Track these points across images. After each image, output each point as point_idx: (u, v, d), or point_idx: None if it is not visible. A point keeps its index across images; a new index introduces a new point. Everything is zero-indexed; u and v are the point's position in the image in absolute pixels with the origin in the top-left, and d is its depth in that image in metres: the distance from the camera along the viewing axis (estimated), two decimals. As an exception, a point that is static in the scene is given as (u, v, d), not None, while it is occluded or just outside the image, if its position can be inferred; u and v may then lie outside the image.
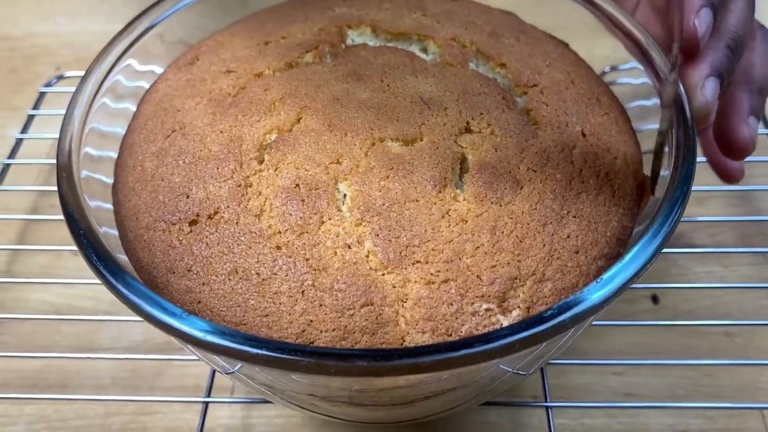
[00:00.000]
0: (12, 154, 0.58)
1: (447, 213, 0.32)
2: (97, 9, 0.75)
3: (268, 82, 0.37)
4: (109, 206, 0.36)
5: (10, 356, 0.48)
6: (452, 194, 0.32)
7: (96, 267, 0.29)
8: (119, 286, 0.29)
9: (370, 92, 0.36)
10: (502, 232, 0.31)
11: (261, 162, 0.34)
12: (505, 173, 0.33)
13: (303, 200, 0.32)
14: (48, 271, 0.54)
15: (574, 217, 0.32)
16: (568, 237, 0.32)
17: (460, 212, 0.32)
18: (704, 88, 0.34)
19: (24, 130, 0.60)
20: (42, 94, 0.64)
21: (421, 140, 0.34)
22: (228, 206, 0.32)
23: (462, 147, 0.34)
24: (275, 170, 0.33)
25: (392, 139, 0.34)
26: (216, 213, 0.32)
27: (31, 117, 0.62)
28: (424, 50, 0.40)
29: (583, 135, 0.36)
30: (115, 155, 0.38)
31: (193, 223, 0.33)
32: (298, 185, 0.33)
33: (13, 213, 0.57)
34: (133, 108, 0.40)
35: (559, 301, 0.30)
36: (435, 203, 0.32)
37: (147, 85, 0.41)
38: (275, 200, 0.32)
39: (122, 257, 0.34)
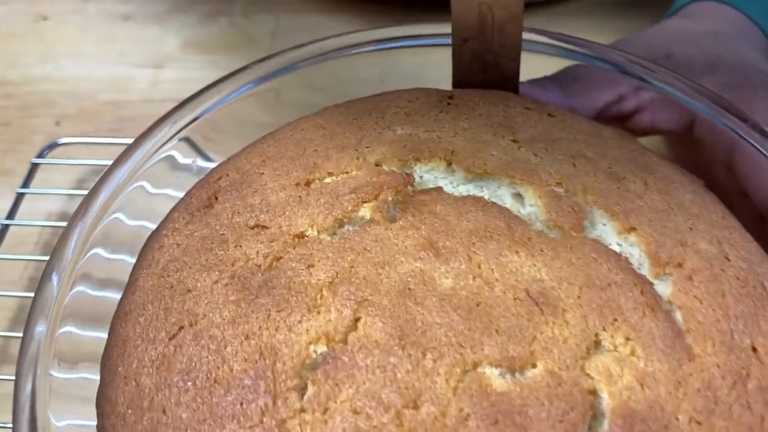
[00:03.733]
0: None
1: (581, 505, 0.21)
2: (104, 49, 0.65)
3: (312, 251, 0.27)
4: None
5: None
6: (586, 469, 0.22)
7: None
8: None
9: (454, 278, 0.26)
10: None
11: (302, 394, 0.24)
12: (660, 430, 0.23)
13: (365, 475, 0.22)
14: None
15: None
16: None
17: (601, 504, 0.21)
18: None
19: (11, 214, 0.50)
20: (35, 166, 0.54)
21: (534, 366, 0.24)
22: None
23: (592, 378, 0.24)
24: (323, 413, 0.23)
25: (492, 364, 0.24)
26: (238, 486, 0.22)
27: (20, 195, 0.52)
28: (518, 196, 0.30)
29: (754, 351, 0.25)
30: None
31: (204, 497, 0.23)
32: None
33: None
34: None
35: None
36: (561, 485, 0.22)
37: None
38: None
39: None
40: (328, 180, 0.30)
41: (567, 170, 0.30)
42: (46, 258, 0.48)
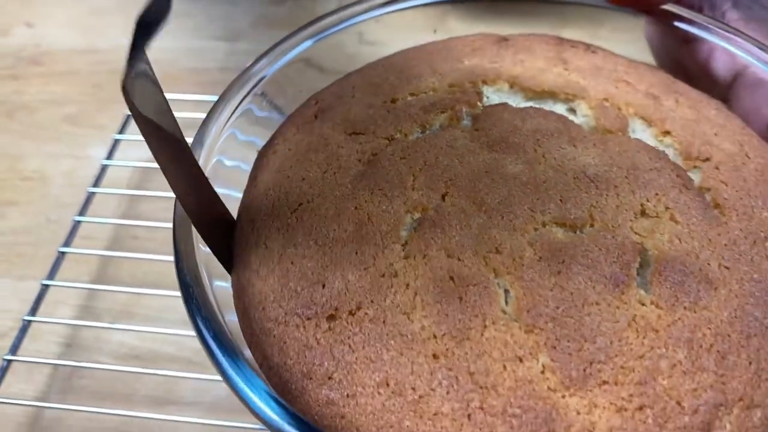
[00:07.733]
0: (96, 182, 0.55)
1: (633, 320, 0.27)
2: (182, 25, 0.70)
3: (403, 148, 0.33)
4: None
5: (87, 411, 0.45)
6: (636, 296, 0.28)
7: (221, 367, 0.26)
8: (255, 402, 0.25)
9: (524, 164, 0.32)
10: (701, 346, 0.27)
11: (404, 246, 0.30)
12: (695, 271, 0.28)
13: (461, 298, 0.28)
14: (129, 309, 0.51)
15: (782, 327, 0.27)
16: (778, 352, 0.27)
17: (649, 320, 0.27)
18: None
19: (109, 155, 0.57)
20: (129, 117, 0.60)
21: (592, 225, 0.30)
22: (372, 300, 0.28)
23: (640, 235, 0.29)
24: (423, 257, 0.29)
25: (557, 223, 0.30)
26: (358, 308, 0.28)
27: (116, 141, 0.58)
28: (572, 111, 0.36)
29: None
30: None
31: (331, 318, 0.28)
32: (452, 278, 0.28)
33: (93, 248, 0.54)
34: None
35: (773, 434, 0.26)
36: (618, 307, 0.27)
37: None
38: (427, 296, 0.28)
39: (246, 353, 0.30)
40: (410, 98, 0.36)
41: (611, 90, 0.36)
42: (140, 192, 0.56)
